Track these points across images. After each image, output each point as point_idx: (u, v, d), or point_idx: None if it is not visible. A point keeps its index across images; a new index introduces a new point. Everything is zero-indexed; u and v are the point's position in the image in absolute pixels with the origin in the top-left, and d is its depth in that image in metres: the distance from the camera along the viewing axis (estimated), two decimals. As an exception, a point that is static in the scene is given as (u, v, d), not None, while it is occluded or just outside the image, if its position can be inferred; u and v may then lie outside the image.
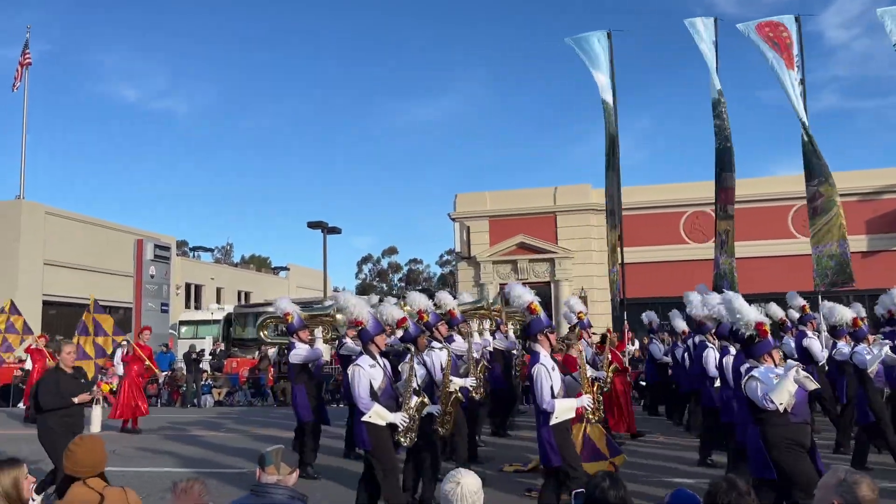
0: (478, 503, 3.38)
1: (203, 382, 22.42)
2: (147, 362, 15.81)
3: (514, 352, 13.20)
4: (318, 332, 10.05)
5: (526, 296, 7.15)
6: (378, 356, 6.88)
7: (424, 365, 8.05)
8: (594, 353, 11.57)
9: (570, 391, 7.22)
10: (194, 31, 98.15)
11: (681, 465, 9.71)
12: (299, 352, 9.51)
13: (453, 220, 28.06)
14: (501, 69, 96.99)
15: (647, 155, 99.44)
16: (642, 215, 26.94)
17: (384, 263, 72.93)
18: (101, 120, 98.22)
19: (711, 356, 9.56)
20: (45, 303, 31.55)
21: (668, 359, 14.51)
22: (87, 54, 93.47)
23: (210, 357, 25.16)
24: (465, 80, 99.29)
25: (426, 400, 6.97)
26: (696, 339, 10.87)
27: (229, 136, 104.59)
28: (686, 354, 12.11)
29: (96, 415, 8.09)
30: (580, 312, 12.02)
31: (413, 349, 7.70)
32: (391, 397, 6.81)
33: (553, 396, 6.33)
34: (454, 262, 34.65)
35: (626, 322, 15.73)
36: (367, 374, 6.60)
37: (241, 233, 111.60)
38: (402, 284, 71.25)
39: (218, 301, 40.44)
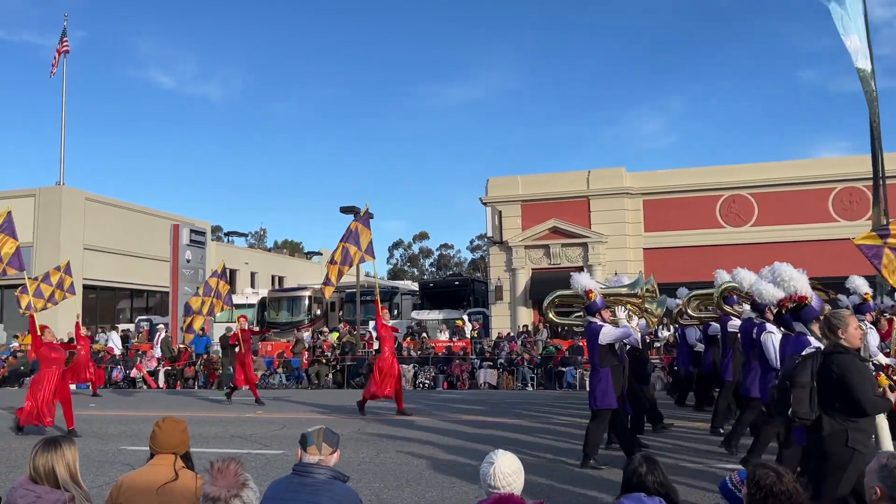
0: (514, 483, 3.36)
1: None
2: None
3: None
4: (621, 312, 9.31)
5: None
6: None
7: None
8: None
9: None
10: (226, 15, 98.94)
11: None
12: (610, 332, 8.73)
13: (485, 204, 27.95)
14: (533, 50, 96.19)
15: (679, 137, 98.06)
16: (674, 199, 26.60)
17: (415, 248, 73.13)
18: (138, 106, 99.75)
19: None
20: (85, 287, 32.23)
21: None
22: (122, 41, 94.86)
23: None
24: (497, 61, 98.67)
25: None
26: None
27: (262, 120, 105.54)
28: None
29: (884, 425, 5.31)
30: (867, 294, 10.81)
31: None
32: None
33: None
34: (486, 247, 34.59)
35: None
36: None
37: (275, 218, 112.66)
38: (433, 269, 71.39)
39: (252, 285, 40.95)
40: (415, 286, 37.24)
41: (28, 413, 11.81)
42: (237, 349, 17.07)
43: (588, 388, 9.25)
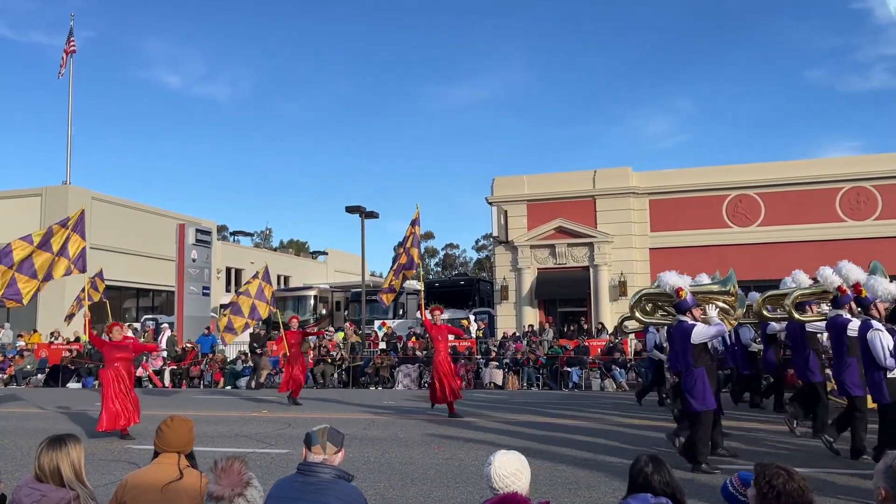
0: (514, 484, 3.31)
1: (245, 365, 22.78)
2: None
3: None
4: (712, 310, 8.89)
5: None
6: None
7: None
8: None
9: None
10: (234, 16, 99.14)
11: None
12: (703, 330, 8.45)
13: (491, 204, 27.94)
14: (540, 50, 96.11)
15: (686, 137, 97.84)
16: (681, 199, 26.53)
17: (420, 248, 73.01)
18: (145, 106, 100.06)
19: None
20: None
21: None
22: (129, 41, 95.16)
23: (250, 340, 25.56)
24: (503, 61, 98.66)
25: None
26: None
27: (268, 120, 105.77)
28: None
29: None
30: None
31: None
32: None
33: None
34: (491, 247, 34.55)
35: None
36: None
37: (280, 217, 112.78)
38: (439, 269, 71.33)
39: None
40: (420, 286, 37.21)
41: (111, 419, 11.29)
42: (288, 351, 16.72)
43: (677, 390, 8.75)
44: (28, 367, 24.26)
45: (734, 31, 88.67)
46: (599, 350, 21.47)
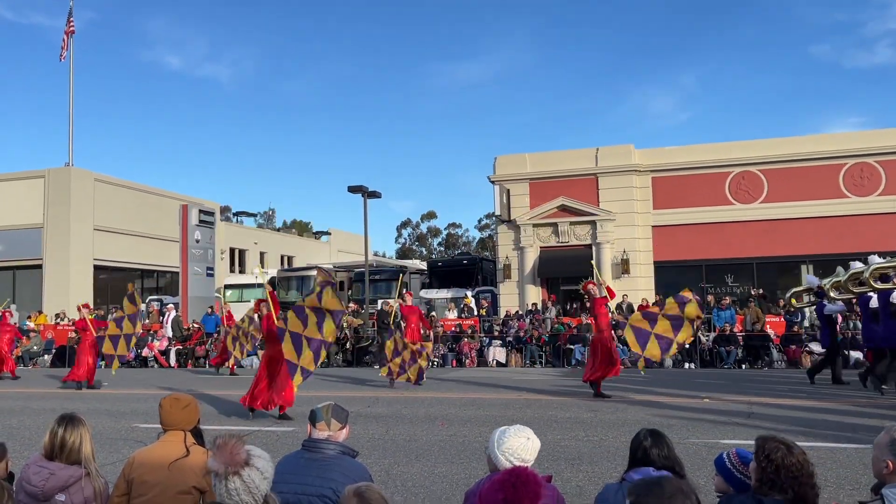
0: (534, 458, 3.37)
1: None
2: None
3: None
4: None
5: None
6: None
7: None
8: None
9: None
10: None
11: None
12: None
13: (493, 183, 27.87)
14: (543, 27, 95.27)
15: (690, 114, 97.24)
16: (683, 176, 26.42)
17: (423, 228, 73.04)
18: (147, 87, 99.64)
19: None
20: (95, 267, 32.46)
21: None
22: (131, 22, 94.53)
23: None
24: (506, 39, 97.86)
25: None
26: None
27: (271, 101, 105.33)
28: None
29: None
30: None
31: None
32: None
33: None
34: (494, 226, 34.53)
35: None
36: None
37: (283, 198, 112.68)
38: (442, 248, 71.34)
39: (261, 265, 41.08)
40: (423, 265, 37.25)
41: (271, 396, 11.03)
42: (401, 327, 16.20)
43: None
44: (35, 347, 24.42)
45: (739, 6, 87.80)
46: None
